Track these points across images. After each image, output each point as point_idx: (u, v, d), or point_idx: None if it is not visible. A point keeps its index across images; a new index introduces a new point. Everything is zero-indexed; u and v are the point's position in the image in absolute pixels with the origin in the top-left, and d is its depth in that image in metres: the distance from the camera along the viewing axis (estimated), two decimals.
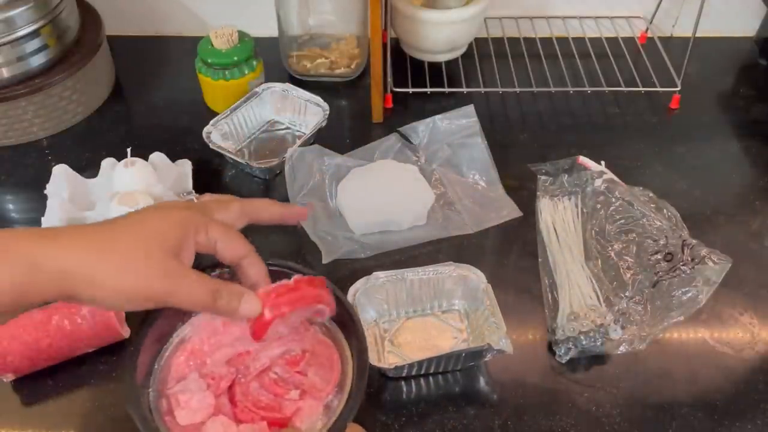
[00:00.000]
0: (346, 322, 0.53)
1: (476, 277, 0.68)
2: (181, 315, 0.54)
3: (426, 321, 0.70)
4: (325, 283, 0.51)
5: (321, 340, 0.54)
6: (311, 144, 0.84)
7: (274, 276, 0.52)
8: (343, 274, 0.74)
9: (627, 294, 0.70)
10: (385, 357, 0.66)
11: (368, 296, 0.68)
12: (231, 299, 0.47)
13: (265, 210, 0.54)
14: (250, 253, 0.50)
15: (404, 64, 0.98)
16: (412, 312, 0.70)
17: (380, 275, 0.68)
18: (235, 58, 0.88)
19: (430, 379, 0.65)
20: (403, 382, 0.65)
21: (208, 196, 0.56)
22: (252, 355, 0.54)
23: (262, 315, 0.48)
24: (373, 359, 0.62)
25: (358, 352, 0.51)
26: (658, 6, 1.03)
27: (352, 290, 0.67)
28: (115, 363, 0.65)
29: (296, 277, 0.50)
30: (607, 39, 1.02)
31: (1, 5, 0.81)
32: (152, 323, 0.51)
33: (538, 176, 0.82)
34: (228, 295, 0.47)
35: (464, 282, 0.69)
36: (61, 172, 0.78)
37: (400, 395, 0.64)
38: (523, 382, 0.65)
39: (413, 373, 0.65)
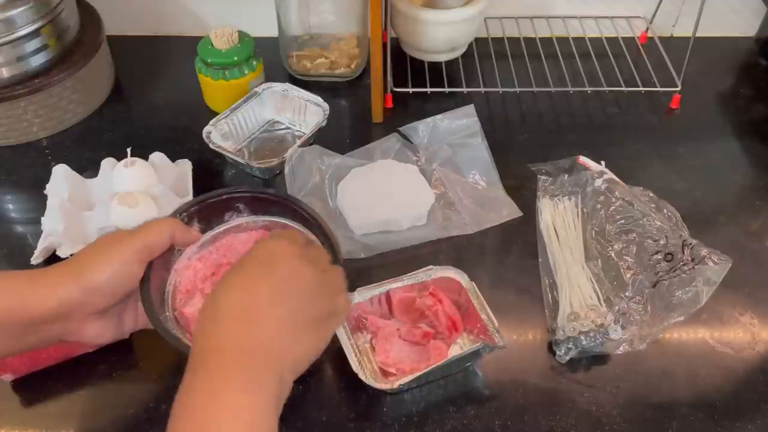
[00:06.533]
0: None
1: (459, 276, 0.68)
2: (165, 265, 0.63)
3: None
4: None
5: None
6: (311, 144, 0.84)
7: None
8: None
9: (627, 294, 0.70)
10: (378, 374, 0.64)
11: (353, 312, 0.66)
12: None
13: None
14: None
15: (404, 64, 0.98)
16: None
17: (362, 290, 0.66)
18: (235, 58, 0.88)
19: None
20: None
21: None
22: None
23: None
24: (369, 379, 0.61)
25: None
26: (659, 6, 1.03)
27: None
28: (114, 363, 0.65)
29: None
30: (607, 39, 1.02)
31: (1, 5, 0.81)
32: (150, 272, 0.59)
33: (538, 176, 0.82)
34: None
35: (448, 283, 0.68)
36: (61, 172, 0.78)
37: (401, 396, 0.64)
38: (524, 382, 0.65)
39: (413, 386, 0.64)
